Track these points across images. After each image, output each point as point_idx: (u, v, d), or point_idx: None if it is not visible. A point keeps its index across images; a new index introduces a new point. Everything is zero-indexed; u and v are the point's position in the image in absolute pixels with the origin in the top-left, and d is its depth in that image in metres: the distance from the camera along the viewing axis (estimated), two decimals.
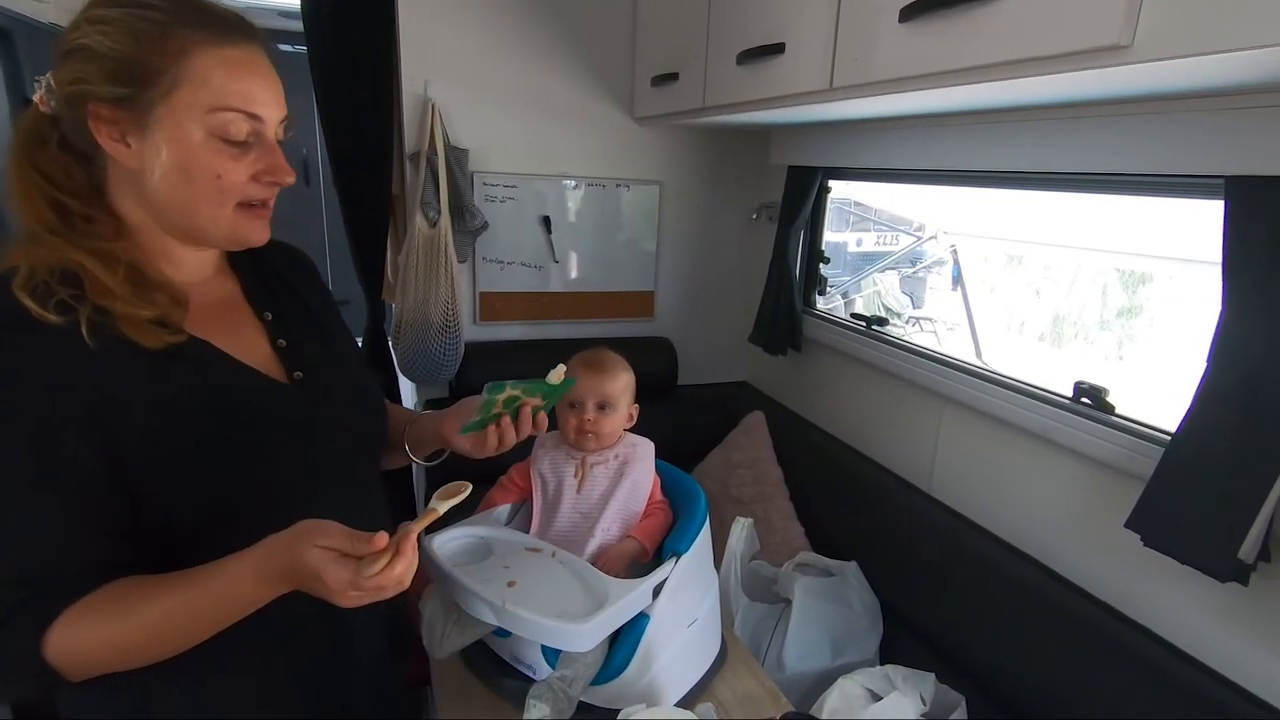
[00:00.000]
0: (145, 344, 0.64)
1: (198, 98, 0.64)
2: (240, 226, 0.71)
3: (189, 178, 0.66)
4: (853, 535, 1.60)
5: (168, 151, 0.65)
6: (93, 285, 0.63)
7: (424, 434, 0.95)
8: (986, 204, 4.01)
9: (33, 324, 0.60)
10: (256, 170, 0.69)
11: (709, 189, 2.10)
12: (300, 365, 0.78)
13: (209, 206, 0.68)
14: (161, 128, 0.64)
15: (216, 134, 0.66)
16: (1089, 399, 1.18)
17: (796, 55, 1.16)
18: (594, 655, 0.96)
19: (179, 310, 0.68)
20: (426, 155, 1.72)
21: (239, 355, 0.73)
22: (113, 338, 0.63)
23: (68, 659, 0.60)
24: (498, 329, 1.98)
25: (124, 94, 0.63)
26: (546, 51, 1.84)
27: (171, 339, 0.66)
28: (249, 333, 0.78)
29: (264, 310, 0.80)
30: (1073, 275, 4.66)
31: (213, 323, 0.73)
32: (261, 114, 0.68)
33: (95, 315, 0.62)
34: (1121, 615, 1.10)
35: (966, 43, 0.82)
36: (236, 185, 0.68)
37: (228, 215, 0.69)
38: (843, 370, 1.81)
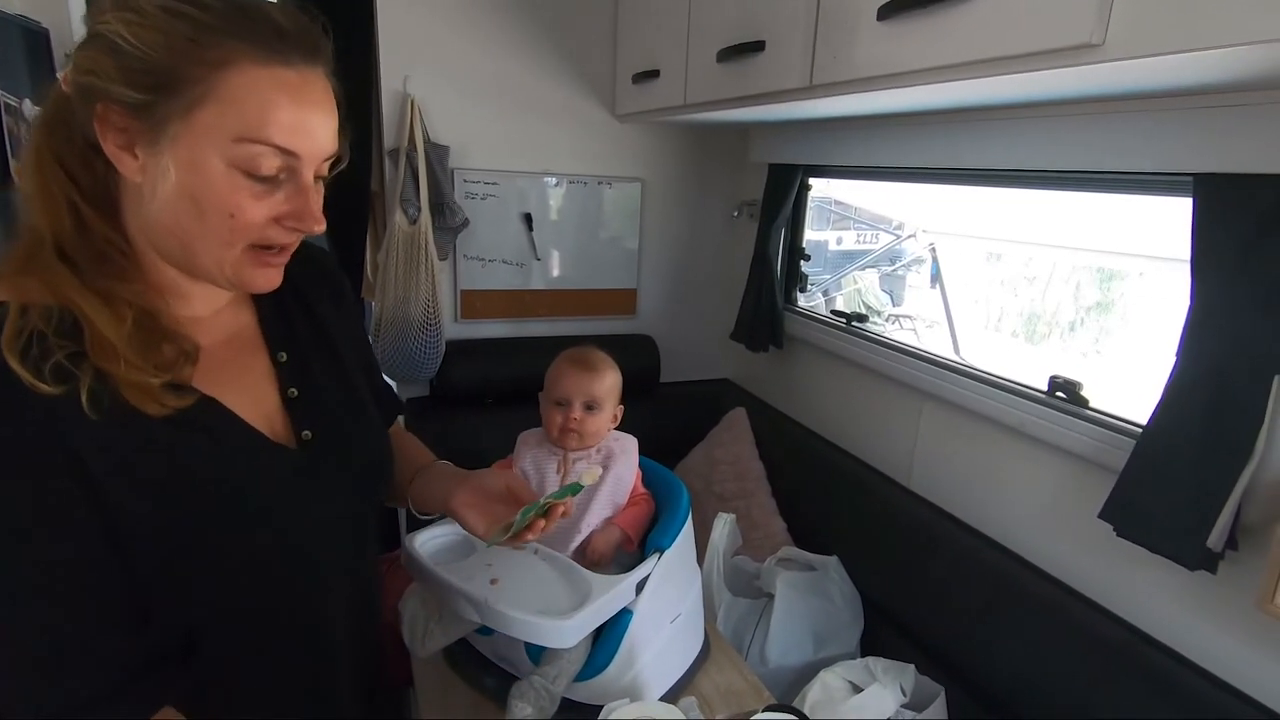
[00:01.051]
0: (149, 412, 0.56)
1: (225, 121, 0.54)
2: (245, 272, 0.60)
3: (198, 210, 0.56)
4: (834, 529, 1.61)
5: (177, 175, 0.55)
6: (95, 342, 0.54)
7: (430, 494, 0.84)
8: (965, 202, 4.07)
9: (23, 396, 0.51)
10: (281, 213, 0.59)
11: (691, 187, 2.10)
12: (310, 421, 0.69)
13: (215, 246, 0.58)
14: (175, 147, 0.54)
15: (240, 166, 0.55)
16: (1063, 393, 1.20)
17: (776, 53, 1.16)
18: (577, 652, 0.96)
19: (188, 366, 0.60)
20: (406, 152, 1.70)
21: (242, 409, 0.64)
22: (112, 409, 0.54)
23: None
24: (479, 327, 1.97)
25: (139, 100, 0.53)
26: (528, 47, 1.83)
27: (178, 404, 0.58)
28: (259, 380, 0.69)
29: (279, 349, 0.71)
30: (1049, 273, 4.74)
31: (221, 368, 0.64)
32: (298, 150, 0.57)
33: (96, 383, 0.53)
34: (1095, 604, 1.12)
35: (943, 41, 0.83)
36: (252, 227, 0.58)
37: (234, 258, 0.59)
38: (824, 367, 1.82)
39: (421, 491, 0.85)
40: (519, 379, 1.82)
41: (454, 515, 0.82)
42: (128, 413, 0.55)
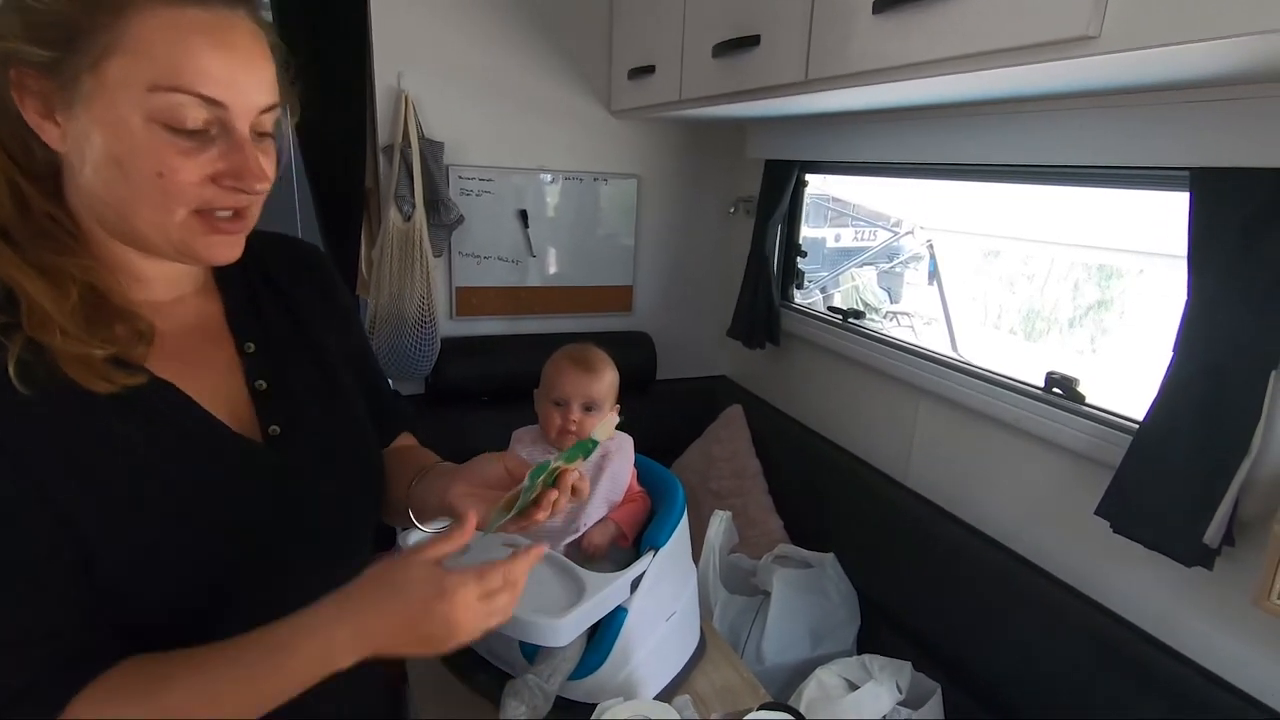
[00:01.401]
0: (94, 389, 0.52)
1: (136, 70, 0.49)
2: (195, 242, 0.55)
3: (124, 174, 0.52)
4: (830, 527, 1.61)
5: (98, 137, 0.51)
6: (31, 313, 0.50)
7: (427, 498, 0.75)
8: (963, 199, 4.07)
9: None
10: (216, 171, 0.54)
11: (687, 183, 2.09)
12: (279, 416, 0.64)
13: (151, 212, 0.53)
14: (91, 106, 0.50)
15: (160, 120, 0.51)
16: (1060, 389, 1.19)
17: (772, 47, 1.15)
18: (572, 650, 0.96)
19: (141, 346, 0.55)
20: (400, 148, 1.69)
21: (205, 399, 0.60)
22: (50, 384, 0.50)
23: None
24: (474, 324, 1.96)
25: (47, 58, 0.49)
26: (522, 43, 1.82)
27: (128, 381, 0.53)
28: (223, 370, 0.64)
29: (246, 339, 0.66)
30: (1046, 270, 4.74)
31: (181, 356, 0.60)
32: (225, 99, 0.52)
33: (28, 353, 0.49)
34: (1091, 600, 1.12)
35: (938, 34, 0.82)
36: (186, 188, 0.53)
37: (176, 224, 0.54)
38: (820, 364, 1.82)
39: (419, 497, 0.77)
40: (514, 376, 1.81)
41: (453, 511, 0.72)
42: (69, 391, 0.51)
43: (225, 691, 0.52)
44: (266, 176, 0.56)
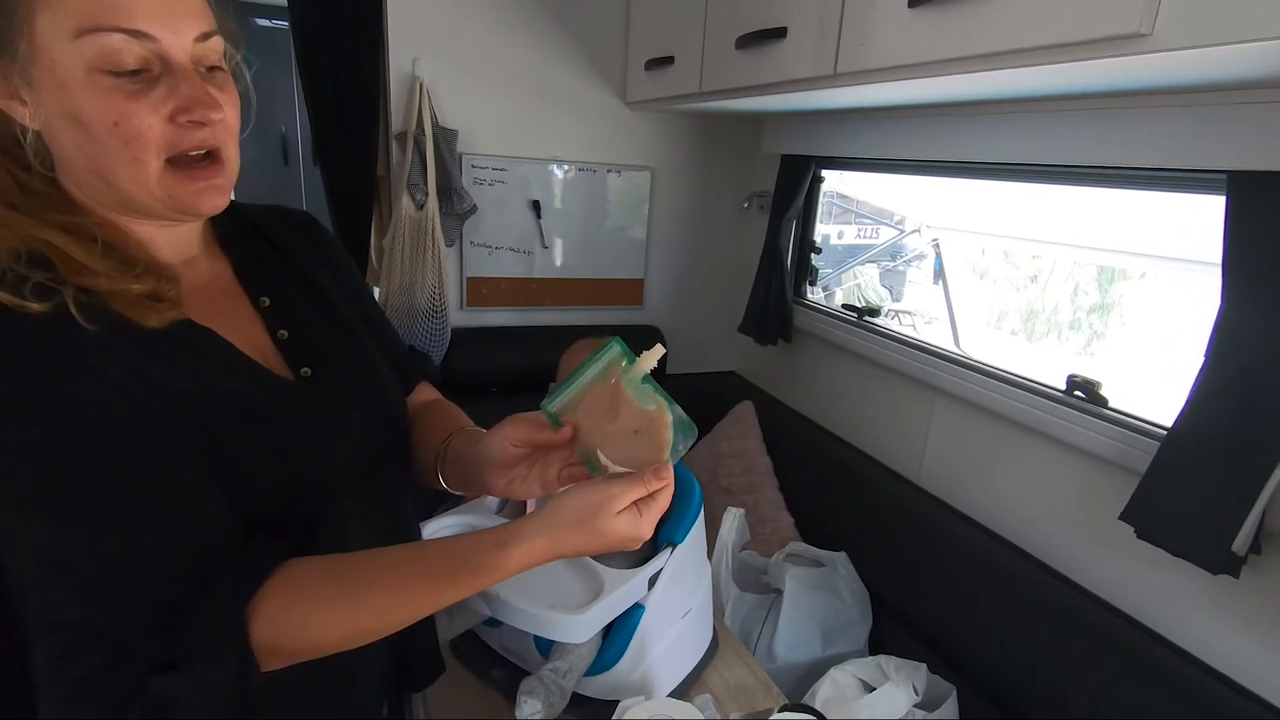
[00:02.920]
0: (146, 323, 0.54)
1: (59, 20, 0.49)
2: (178, 192, 0.56)
3: (86, 131, 0.52)
4: (842, 526, 1.60)
5: (51, 99, 0.51)
6: (67, 265, 0.53)
7: (461, 472, 0.74)
8: (969, 198, 4.05)
9: (13, 317, 0.50)
10: (169, 110, 0.53)
11: (700, 176, 2.08)
12: (307, 359, 0.67)
13: (124, 167, 0.53)
14: (37, 71, 0.51)
15: (99, 66, 0.50)
16: (1082, 392, 1.18)
17: (799, 40, 1.14)
18: (588, 646, 0.95)
19: (171, 286, 0.58)
20: (414, 135, 1.67)
21: (242, 347, 0.63)
22: (108, 321, 0.53)
23: (285, 640, 0.53)
24: (485, 315, 1.95)
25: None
26: (539, 31, 1.80)
27: (173, 314, 0.56)
28: (244, 321, 0.66)
29: (260, 294, 0.68)
30: (1053, 270, 4.73)
31: (207, 309, 0.62)
32: (151, 31, 0.51)
33: (81, 295, 0.52)
34: (1112, 607, 1.11)
35: (980, 29, 0.80)
36: (146, 133, 0.53)
37: (154, 178, 0.54)
38: (833, 361, 1.80)
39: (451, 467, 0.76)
40: (524, 368, 1.80)
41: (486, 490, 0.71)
42: (127, 331, 0.54)
43: (423, 597, 0.56)
44: (219, 104, 0.56)
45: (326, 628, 0.54)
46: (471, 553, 0.56)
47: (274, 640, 0.53)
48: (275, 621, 0.53)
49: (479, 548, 0.56)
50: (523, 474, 0.68)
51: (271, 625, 0.52)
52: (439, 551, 0.57)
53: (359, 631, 0.56)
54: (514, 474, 0.68)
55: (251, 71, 0.64)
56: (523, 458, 0.68)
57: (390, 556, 0.57)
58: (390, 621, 0.57)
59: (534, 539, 0.57)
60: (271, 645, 0.53)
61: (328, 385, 0.67)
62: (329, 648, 0.56)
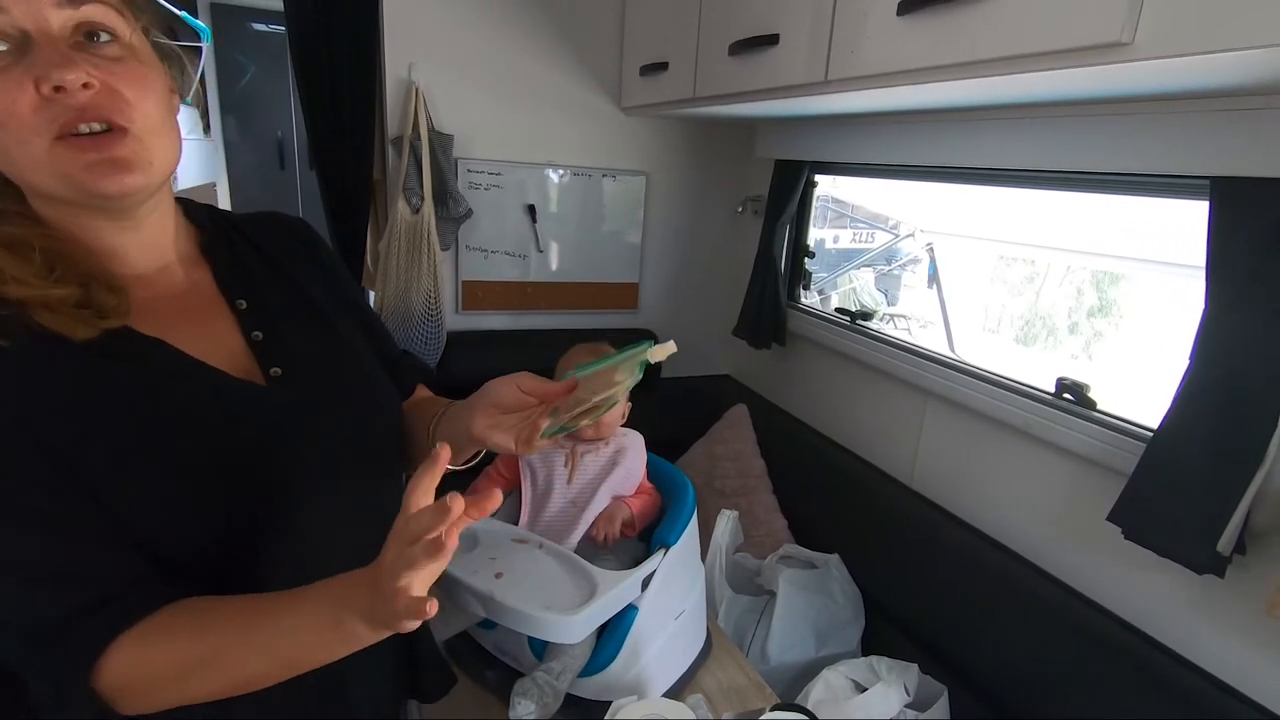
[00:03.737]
0: (74, 335, 0.53)
1: None
2: (75, 172, 0.52)
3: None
4: (835, 527, 1.61)
5: None
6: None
7: (453, 438, 0.73)
8: (964, 203, 4.07)
9: None
10: (33, 80, 0.50)
11: (695, 181, 2.09)
12: (279, 359, 0.66)
13: (14, 150, 0.52)
14: None
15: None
16: (1071, 395, 1.19)
17: (790, 46, 1.15)
18: (582, 647, 0.96)
19: (113, 297, 0.57)
20: (410, 140, 1.68)
21: (199, 353, 0.61)
22: (36, 336, 0.52)
23: (120, 680, 0.52)
24: (480, 318, 1.95)
25: None
26: (534, 37, 1.81)
27: (103, 324, 0.55)
28: (216, 326, 0.66)
29: (237, 298, 0.68)
30: (1046, 274, 4.76)
31: (170, 318, 0.61)
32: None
33: (4, 308, 0.51)
34: (1101, 607, 1.12)
35: (966, 37, 0.82)
36: (18, 112, 0.50)
37: (48, 158, 0.52)
38: (827, 364, 1.82)
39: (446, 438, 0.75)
40: (520, 371, 1.81)
41: (481, 444, 0.72)
42: (57, 344, 0.53)
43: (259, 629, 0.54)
44: (75, 65, 0.51)
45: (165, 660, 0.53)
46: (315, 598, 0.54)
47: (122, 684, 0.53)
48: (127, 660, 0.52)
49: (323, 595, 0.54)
50: (508, 423, 0.69)
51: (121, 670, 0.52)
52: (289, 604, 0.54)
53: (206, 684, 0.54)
54: (502, 420, 0.69)
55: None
56: (519, 408, 0.69)
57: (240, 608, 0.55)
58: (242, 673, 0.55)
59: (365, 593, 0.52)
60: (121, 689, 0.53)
61: (298, 385, 0.66)
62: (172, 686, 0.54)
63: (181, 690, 0.54)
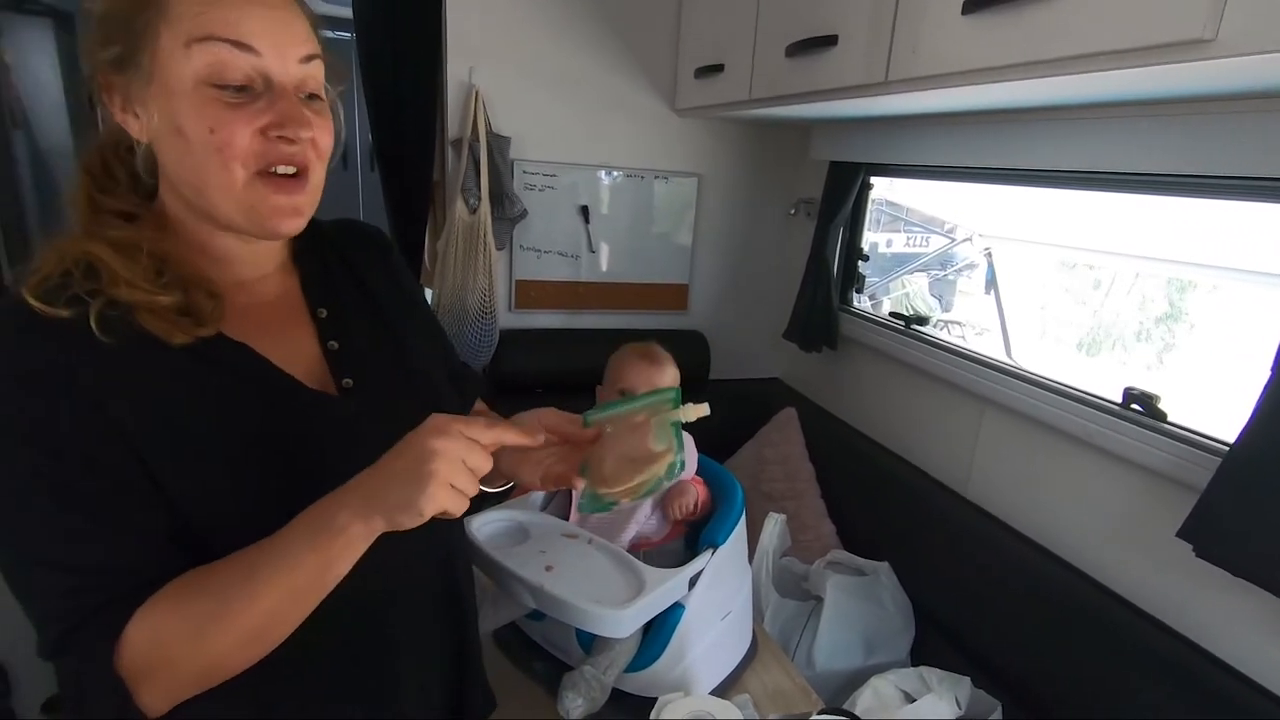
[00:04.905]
0: (170, 339, 0.56)
1: (177, 33, 0.54)
2: (260, 204, 0.58)
3: (186, 140, 0.55)
4: (885, 535, 1.58)
5: (163, 110, 0.55)
6: (109, 276, 0.55)
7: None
8: (1024, 206, 3.94)
9: (38, 322, 0.53)
10: (263, 124, 0.56)
11: (748, 183, 2.08)
12: (351, 370, 0.68)
13: (214, 173, 0.56)
14: (151, 84, 0.55)
15: (207, 79, 0.54)
16: (1139, 405, 1.15)
17: (850, 47, 1.14)
18: (629, 643, 0.97)
19: (210, 304, 0.60)
20: (469, 142, 1.73)
21: (281, 360, 0.64)
22: (134, 334, 0.55)
23: (147, 659, 0.53)
24: (532, 317, 1.99)
25: (116, 54, 0.55)
26: (590, 41, 1.84)
27: (199, 332, 0.58)
28: (297, 334, 0.68)
29: (319, 306, 0.70)
30: (1113, 281, 4.56)
31: (258, 325, 0.64)
32: (257, 45, 0.55)
33: (109, 308, 0.54)
34: (1166, 627, 1.07)
35: (1036, 35, 0.80)
36: (236, 143, 0.55)
37: (241, 187, 0.57)
38: (879, 369, 1.79)
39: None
40: (570, 370, 1.83)
41: (510, 477, 0.76)
42: (151, 344, 0.56)
43: (262, 571, 0.54)
44: (309, 123, 0.58)
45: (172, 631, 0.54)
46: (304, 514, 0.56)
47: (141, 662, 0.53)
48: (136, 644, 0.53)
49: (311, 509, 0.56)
50: (535, 457, 0.71)
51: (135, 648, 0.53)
52: (283, 530, 0.56)
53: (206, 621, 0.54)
54: (528, 455, 0.71)
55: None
56: (545, 445, 0.70)
57: (242, 552, 0.56)
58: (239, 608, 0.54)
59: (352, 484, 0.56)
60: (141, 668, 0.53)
61: (368, 397, 0.68)
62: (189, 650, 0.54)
63: (197, 649, 0.54)
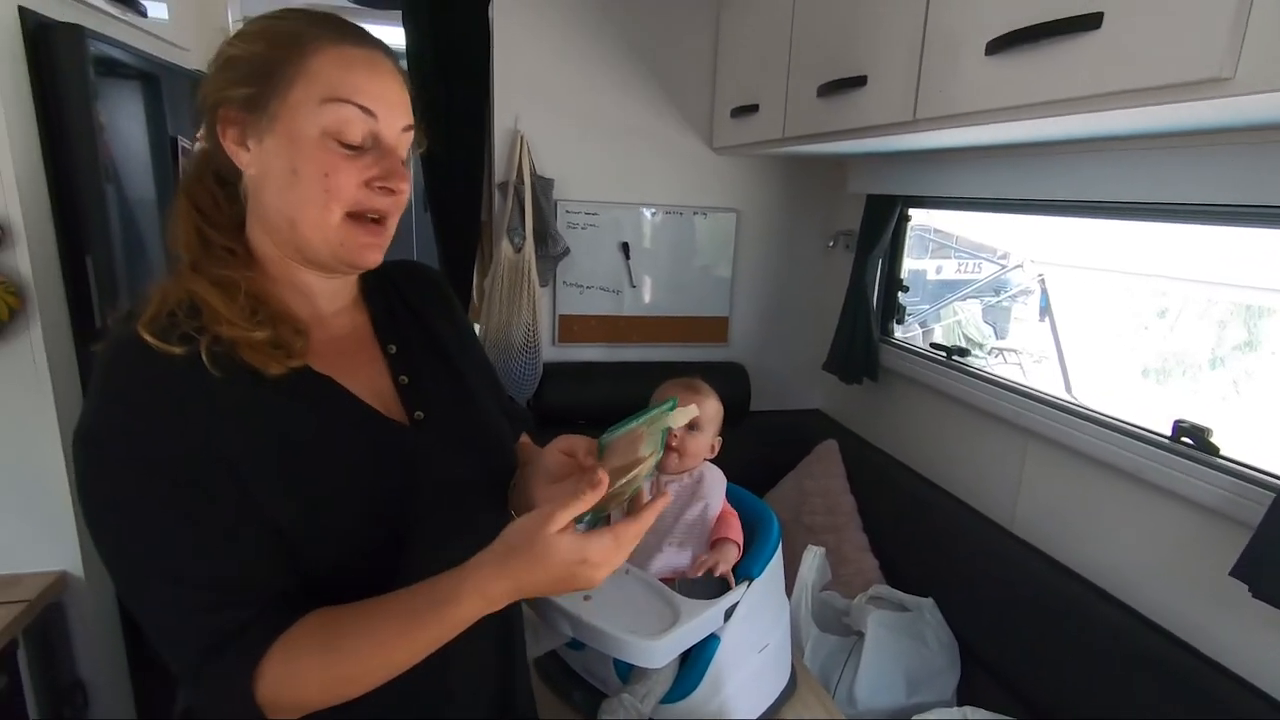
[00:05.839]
0: (266, 370, 0.62)
1: (312, 90, 0.62)
2: (348, 241, 0.66)
3: (298, 177, 0.63)
4: (929, 570, 1.55)
5: (281, 150, 0.63)
6: (210, 314, 0.62)
7: (521, 496, 0.82)
8: (1081, 233, 3.84)
9: (153, 357, 0.58)
10: (370, 176, 0.64)
11: (785, 216, 2.11)
12: (422, 404, 0.74)
13: (314, 210, 0.64)
14: (277, 125, 0.63)
15: (331, 133, 0.63)
16: (1190, 439, 1.12)
17: (879, 87, 1.17)
18: (666, 673, 0.98)
19: (299, 340, 0.66)
20: (514, 184, 1.81)
21: (359, 392, 0.69)
22: (236, 367, 0.61)
23: (281, 695, 0.58)
24: (575, 351, 2.04)
25: (248, 93, 0.63)
26: (630, 86, 1.91)
27: (292, 364, 0.64)
28: (371, 368, 0.74)
29: (389, 342, 0.76)
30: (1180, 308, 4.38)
31: (336, 357, 0.70)
32: (377, 111, 0.64)
33: (214, 344, 0.61)
34: (1223, 668, 1.03)
35: (1057, 75, 0.81)
36: (344, 188, 0.64)
37: (334, 225, 0.64)
38: (921, 401, 1.77)
39: (515, 494, 0.84)
40: (612, 402, 1.86)
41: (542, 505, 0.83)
42: (250, 378, 0.62)
43: (393, 639, 0.60)
44: (408, 180, 0.67)
45: (310, 680, 0.59)
46: (431, 586, 0.60)
47: (275, 696, 0.58)
48: (279, 675, 0.58)
49: (438, 580, 0.60)
50: (564, 489, 0.73)
51: (276, 680, 0.58)
52: (410, 591, 0.61)
53: (340, 678, 0.60)
54: (558, 487, 0.74)
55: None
56: (569, 472, 0.74)
57: (374, 603, 0.61)
58: (371, 669, 0.60)
59: (482, 565, 0.60)
60: (274, 700, 0.58)
61: (438, 428, 0.74)
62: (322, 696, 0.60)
63: (326, 697, 0.60)
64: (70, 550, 1.15)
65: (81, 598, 1.18)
